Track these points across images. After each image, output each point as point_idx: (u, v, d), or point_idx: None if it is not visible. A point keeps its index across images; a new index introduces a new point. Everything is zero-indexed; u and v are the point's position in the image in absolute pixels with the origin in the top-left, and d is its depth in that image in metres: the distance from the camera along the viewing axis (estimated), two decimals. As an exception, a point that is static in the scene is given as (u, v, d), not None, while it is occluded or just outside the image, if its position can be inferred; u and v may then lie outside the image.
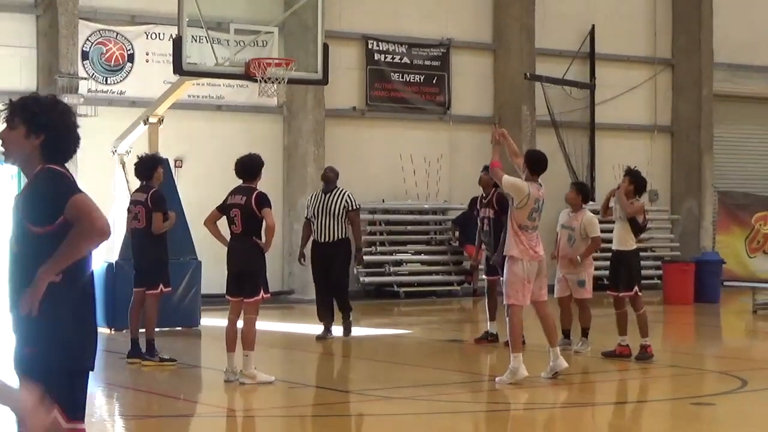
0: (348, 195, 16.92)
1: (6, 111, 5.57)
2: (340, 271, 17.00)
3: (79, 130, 5.71)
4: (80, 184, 5.59)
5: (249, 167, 12.88)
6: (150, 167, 14.63)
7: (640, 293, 14.68)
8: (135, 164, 14.87)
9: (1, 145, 5.59)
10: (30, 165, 5.56)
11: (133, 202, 14.62)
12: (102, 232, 5.33)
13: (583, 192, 15.64)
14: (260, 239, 12.69)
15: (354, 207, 16.92)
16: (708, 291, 23.73)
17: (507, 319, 12.79)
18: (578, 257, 15.24)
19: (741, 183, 30.49)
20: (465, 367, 15.21)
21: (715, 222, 29.08)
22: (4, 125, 5.57)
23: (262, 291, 12.53)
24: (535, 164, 13.07)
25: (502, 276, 15.51)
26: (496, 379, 12.78)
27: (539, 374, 12.91)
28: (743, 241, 23.97)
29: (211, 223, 13.07)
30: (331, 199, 16.76)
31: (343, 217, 16.74)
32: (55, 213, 5.37)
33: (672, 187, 29.93)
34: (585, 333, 15.44)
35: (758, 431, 10.49)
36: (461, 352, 16.59)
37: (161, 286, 14.30)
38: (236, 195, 12.80)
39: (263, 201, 12.64)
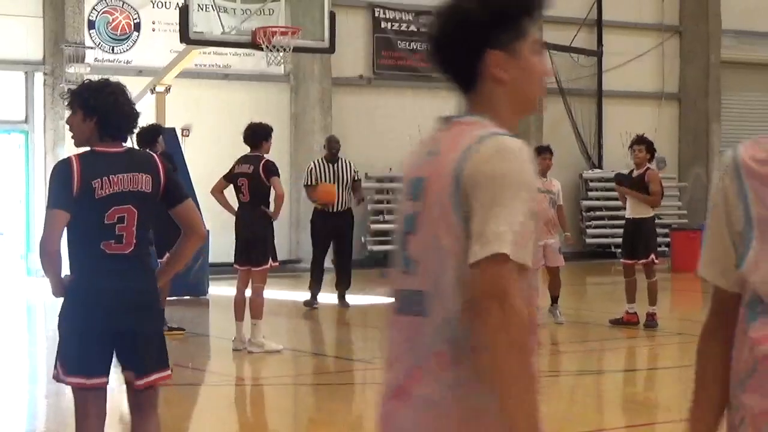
0: (352, 164, 17.23)
1: (68, 99, 6.28)
2: (349, 242, 17.27)
3: (135, 106, 6.33)
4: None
5: (252, 134, 12.91)
6: (152, 136, 14.57)
7: (657, 261, 14.67)
8: (137, 134, 14.79)
9: (70, 129, 6.24)
10: (91, 145, 6.16)
11: None
12: (42, 251, 6.01)
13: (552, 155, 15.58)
14: (268, 208, 12.71)
15: (359, 177, 17.40)
16: (715, 258, 23.72)
17: None
18: (561, 229, 15.08)
19: (749, 150, 30.43)
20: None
21: (723, 189, 29.08)
22: (69, 112, 6.24)
23: (270, 259, 12.54)
24: None
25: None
26: None
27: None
28: (751, 208, 23.94)
29: (218, 192, 13.13)
30: (339, 168, 16.90)
31: (350, 186, 16.92)
32: None
33: (679, 154, 29.88)
34: (555, 300, 14.97)
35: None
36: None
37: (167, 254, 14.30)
38: (243, 164, 12.80)
39: (271, 170, 12.65)
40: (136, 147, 14.87)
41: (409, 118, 25.55)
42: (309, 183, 16.98)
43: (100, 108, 6.08)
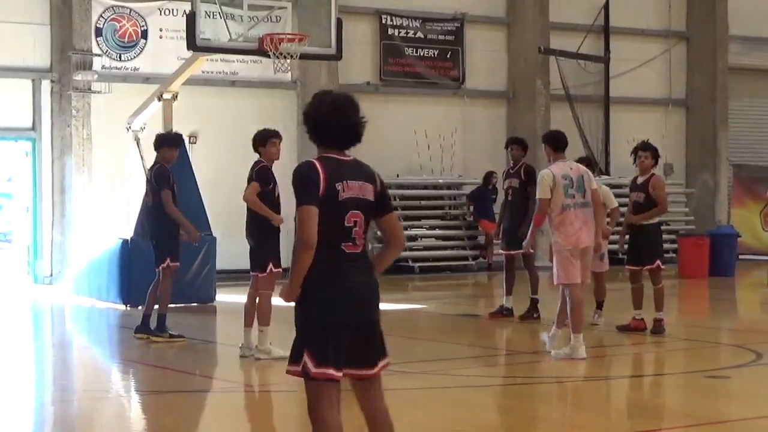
0: None
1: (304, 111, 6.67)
2: None
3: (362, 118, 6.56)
4: (94, 160, 5.74)
5: (252, 140, 12.81)
6: (160, 144, 14.53)
7: (662, 267, 14.64)
8: (160, 138, 14.80)
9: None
10: (321, 153, 6.46)
11: (147, 179, 14.65)
12: (304, 245, 6.17)
13: (592, 165, 15.71)
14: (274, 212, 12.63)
15: None
16: (723, 264, 23.71)
17: (568, 299, 12.68)
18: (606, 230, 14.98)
19: (756, 156, 30.45)
20: (479, 342, 15.24)
21: (730, 195, 29.09)
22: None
23: (271, 266, 12.50)
24: (557, 142, 13.33)
25: (521, 249, 15.34)
26: (553, 352, 12.78)
27: (549, 349, 12.92)
28: (758, 214, 23.94)
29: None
30: None
31: None
32: None
33: (687, 160, 29.87)
34: (600, 305, 15.45)
35: (773, 404, 10.48)
36: (476, 327, 16.62)
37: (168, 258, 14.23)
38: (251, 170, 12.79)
39: (253, 173, 12.52)
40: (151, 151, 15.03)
41: (416, 124, 25.61)
42: None
43: (323, 117, 6.49)
